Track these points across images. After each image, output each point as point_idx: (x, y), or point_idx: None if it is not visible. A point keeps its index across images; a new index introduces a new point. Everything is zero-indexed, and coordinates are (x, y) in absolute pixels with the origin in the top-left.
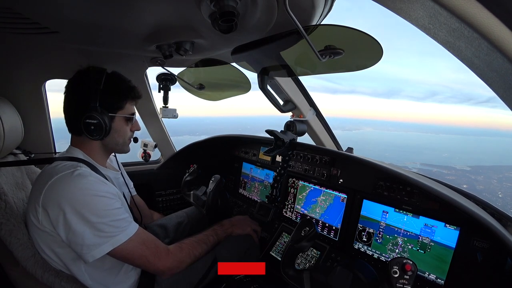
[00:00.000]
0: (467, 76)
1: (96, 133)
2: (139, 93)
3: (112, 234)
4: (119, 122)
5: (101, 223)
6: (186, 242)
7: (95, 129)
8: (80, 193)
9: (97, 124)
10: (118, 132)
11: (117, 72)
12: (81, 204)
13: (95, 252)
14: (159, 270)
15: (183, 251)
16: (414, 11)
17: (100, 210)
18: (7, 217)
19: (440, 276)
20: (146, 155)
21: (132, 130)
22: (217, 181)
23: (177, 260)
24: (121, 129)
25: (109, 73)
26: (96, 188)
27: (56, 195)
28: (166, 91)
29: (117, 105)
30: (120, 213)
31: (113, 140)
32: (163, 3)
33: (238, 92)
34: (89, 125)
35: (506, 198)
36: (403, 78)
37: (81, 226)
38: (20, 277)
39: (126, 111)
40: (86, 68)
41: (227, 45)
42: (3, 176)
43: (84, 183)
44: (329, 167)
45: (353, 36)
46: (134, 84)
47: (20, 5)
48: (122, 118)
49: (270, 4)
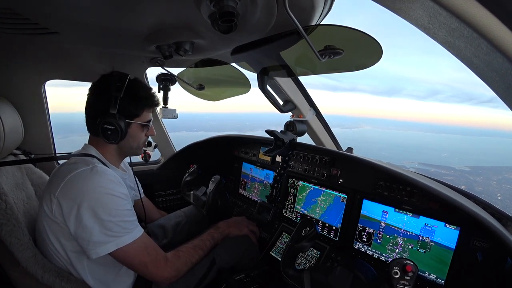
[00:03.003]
0: (469, 75)
1: (112, 137)
2: (157, 101)
3: (119, 234)
4: (135, 129)
5: (111, 221)
6: (183, 250)
7: (111, 134)
8: (97, 190)
9: (114, 130)
10: (133, 138)
11: (138, 79)
12: (96, 201)
13: (100, 249)
14: (156, 279)
15: (180, 260)
16: (413, 11)
17: (112, 209)
18: (7, 217)
19: (440, 276)
20: (146, 156)
21: (147, 135)
22: (217, 182)
23: (175, 269)
24: (136, 134)
25: (131, 80)
26: (112, 187)
27: (74, 189)
28: (166, 91)
29: (135, 113)
30: (129, 215)
31: (128, 144)
32: (163, 4)
33: (238, 92)
34: (106, 130)
35: (505, 201)
36: (405, 76)
37: (91, 222)
38: (20, 278)
39: (142, 119)
40: (109, 73)
41: (226, 45)
42: (3, 177)
43: (101, 181)
44: (329, 167)
45: (352, 36)
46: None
47: (20, 5)
48: (138, 124)
49: (270, 4)
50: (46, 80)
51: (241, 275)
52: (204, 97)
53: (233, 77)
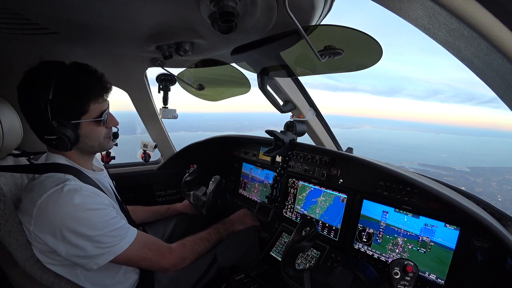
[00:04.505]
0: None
1: (61, 146)
2: (106, 86)
3: (112, 244)
4: (87, 127)
5: (100, 235)
6: (188, 239)
7: (57, 143)
8: (74, 210)
9: (58, 139)
10: (89, 137)
11: (74, 65)
12: (77, 222)
13: (99, 260)
14: (164, 268)
15: (186, 248)
16: (413, 11)
17: (98, 223)
18: (6, 218)
19: (440, 276)
20: (146, 156)
21: (108, 127)
22: (217, 182)
23: (181, 257)
24: (92, 132)
25: (65, 69)
26: (90, 201)
27: (49, 216)
28: (166, 91)
29: (80, 110)
30: (117, 222)
31: (87, 146)
32: (162, 4)
33: (238, 92)
34: (49, 141)
35: (505, 202)
36: (405, 76)
37: (81, 242)
38: (19, 278)
39: (92, 114)
40: (35, 68)
41: (226, 45)
42: (2, 177)
43: (77, 199)
44: (329, 167)
45: (352, 36)
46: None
47: (20, 5)
48: (89, 122)
49: (270, 4)
50: None
51: (241, 275)
52: (204, 97)
53: (233, 77)
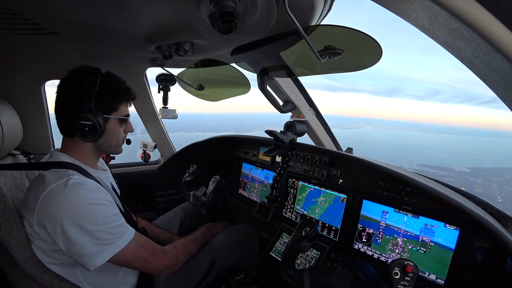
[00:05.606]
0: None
1: (90, 134)
2: (134, 95)
3: (111, 241)
4: (113, 124)
5: (100, 231)
6: (179, 242)
7: (89, 131)
8: (76, 204)
9: (92, 126)
10: (112, 134)
11: (111, 72)
12: (78, 215)
13: (95, 260)
14: (158, 270)
15: (177, 249)
16: (413, 11)
17: (98, 219)
18: (5, 218)
19: (440, 276)
20: (146, 156)
21: (126, 131)
22: (217, 182)
23: (174, 258)
24: (115, 130)
25: (104, 74)
26: (92, 196)
27: (51, 209)
28: (166, 91)
29: (112, 107)
30: (117, 220)
31: (106, 142)
32: (162, 4)
33: (238, 92)
34: (83, 127)
35: (506, 203)
36: (405, 76)
37: (80, 236)
38: (19, 278)
39: (120, 113)
40: (79, 68)
41: (226, 45)
42: (2, 177)
43: (80, 193)
44: (329, 168)
45: (352, 36)
46: (130, 85)
47: (20, 5)
48: (116, 119)
49: (270, 4)
50: (46, 81)
51: (241, 275)
52: (204, 97)
53: (233, 77)
